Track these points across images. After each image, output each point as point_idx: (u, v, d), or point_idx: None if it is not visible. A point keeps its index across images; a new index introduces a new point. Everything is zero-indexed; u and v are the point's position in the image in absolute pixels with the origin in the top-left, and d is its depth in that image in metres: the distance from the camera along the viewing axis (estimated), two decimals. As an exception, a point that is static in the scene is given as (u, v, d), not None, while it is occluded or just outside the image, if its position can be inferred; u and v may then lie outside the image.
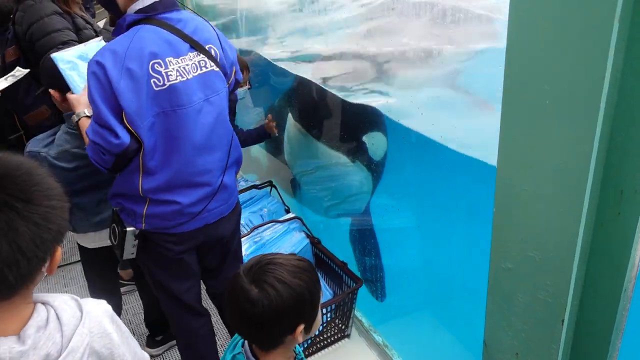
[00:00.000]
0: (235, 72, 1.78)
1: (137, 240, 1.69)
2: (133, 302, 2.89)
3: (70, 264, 3.24)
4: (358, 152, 2.40)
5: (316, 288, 1.23)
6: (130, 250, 1.70)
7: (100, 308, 0.99)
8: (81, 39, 2.16)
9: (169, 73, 1.51)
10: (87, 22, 2.30)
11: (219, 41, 1.70)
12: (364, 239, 2.63)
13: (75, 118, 1.68)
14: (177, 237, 1.71)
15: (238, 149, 1.78)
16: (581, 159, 0.84)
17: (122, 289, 2.92)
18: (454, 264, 2.22)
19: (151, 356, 2.43)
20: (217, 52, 1.66)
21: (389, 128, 2.26)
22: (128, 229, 1.66)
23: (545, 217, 0.93)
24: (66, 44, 2.09)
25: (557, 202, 0.90)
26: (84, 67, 1.67)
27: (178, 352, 2.40)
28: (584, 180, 0.84)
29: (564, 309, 0.95)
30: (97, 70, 1.47)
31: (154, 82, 1.50)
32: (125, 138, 1.50)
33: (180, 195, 1.64)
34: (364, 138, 2.35)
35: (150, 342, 2.49)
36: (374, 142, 2.33)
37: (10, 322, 0.85)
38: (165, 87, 1.51)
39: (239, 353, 1.27)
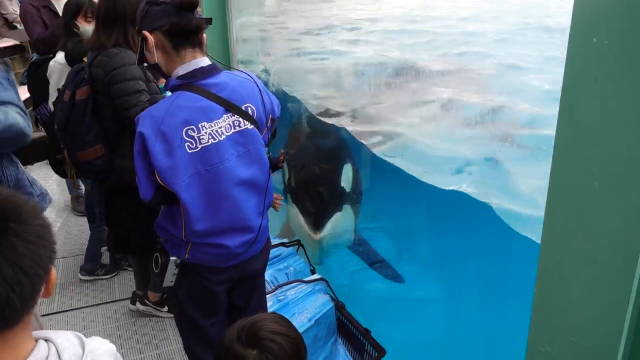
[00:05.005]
0: (272, 120, 1.87)
1: (177, 270, 1.78)
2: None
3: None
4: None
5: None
6: (170, 278, 1.79)
7: (104, 347, 0.98)
8: (148, 89, 2.38)
9: (201, 137, 1.64)
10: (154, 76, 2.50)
11: (259, 94, 1.78)
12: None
13: None
14: (216, 269, 1.81)
15: (271, 194, 1.86)
16: (629, 244, 0.84)
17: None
18: (476, 339, 2.16)
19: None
20: (254, 108, 1.76)
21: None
22: (171, 258, 1.76)
23: (590, 303, 0.92)
24: (138, 92, 2.30)
25: (603, 288, 0.89)
26: None
27: None
28: (632, 266, 0.84)
29: (605, 398, 0.92)
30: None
31: (187, 145, 1.62)
32: (146, 195, 1.66)
33: (226, 239, 1.75)
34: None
35: None
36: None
37: (9, 357, 0.83)
38: (198, 149, 1.63)
39: None
